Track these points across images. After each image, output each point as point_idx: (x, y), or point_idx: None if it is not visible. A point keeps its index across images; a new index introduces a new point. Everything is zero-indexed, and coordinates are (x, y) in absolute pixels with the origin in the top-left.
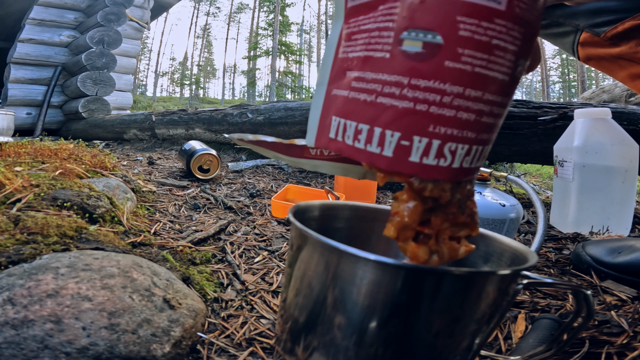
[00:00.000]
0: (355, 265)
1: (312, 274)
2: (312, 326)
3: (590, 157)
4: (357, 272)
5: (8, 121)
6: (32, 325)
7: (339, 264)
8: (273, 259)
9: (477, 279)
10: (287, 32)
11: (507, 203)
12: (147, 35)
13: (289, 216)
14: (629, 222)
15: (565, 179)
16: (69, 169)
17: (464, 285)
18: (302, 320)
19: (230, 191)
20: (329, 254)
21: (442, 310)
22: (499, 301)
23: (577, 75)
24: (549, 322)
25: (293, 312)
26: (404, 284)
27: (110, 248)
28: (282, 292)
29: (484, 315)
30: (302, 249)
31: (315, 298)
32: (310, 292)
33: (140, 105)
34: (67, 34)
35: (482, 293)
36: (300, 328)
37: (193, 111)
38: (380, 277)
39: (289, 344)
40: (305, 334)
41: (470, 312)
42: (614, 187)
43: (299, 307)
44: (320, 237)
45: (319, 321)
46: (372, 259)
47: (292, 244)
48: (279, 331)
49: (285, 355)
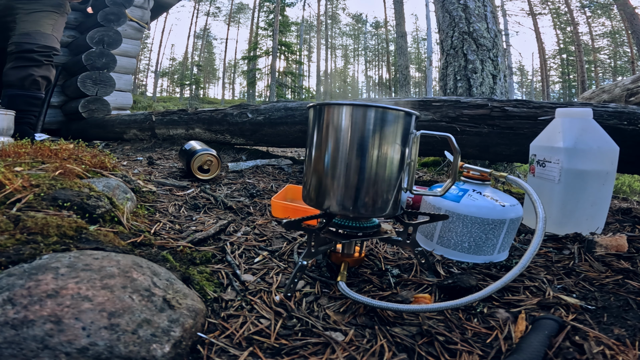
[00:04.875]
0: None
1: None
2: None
3: (578, 160)
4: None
5: (8, 121)
6: (32, 325)
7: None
8: (273, 259)
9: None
10: (287, 32)
11: (507, 203)
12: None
13: (312, 106)
14: (602, 222)
15: (547, 179)
16: (69, 169)
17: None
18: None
19: (230, 191)
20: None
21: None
22: (406, 135)
23: (577, 75)
24: (549, 323)
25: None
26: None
27: (110, 248)
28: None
29: (401, 142)
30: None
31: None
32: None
33: (140, 105)
34: (67, 34)
35: (396, 122)
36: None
37: (193, 111)
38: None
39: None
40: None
41: (392, 136)
42: (596, 188)
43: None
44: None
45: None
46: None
47: (315, 124)
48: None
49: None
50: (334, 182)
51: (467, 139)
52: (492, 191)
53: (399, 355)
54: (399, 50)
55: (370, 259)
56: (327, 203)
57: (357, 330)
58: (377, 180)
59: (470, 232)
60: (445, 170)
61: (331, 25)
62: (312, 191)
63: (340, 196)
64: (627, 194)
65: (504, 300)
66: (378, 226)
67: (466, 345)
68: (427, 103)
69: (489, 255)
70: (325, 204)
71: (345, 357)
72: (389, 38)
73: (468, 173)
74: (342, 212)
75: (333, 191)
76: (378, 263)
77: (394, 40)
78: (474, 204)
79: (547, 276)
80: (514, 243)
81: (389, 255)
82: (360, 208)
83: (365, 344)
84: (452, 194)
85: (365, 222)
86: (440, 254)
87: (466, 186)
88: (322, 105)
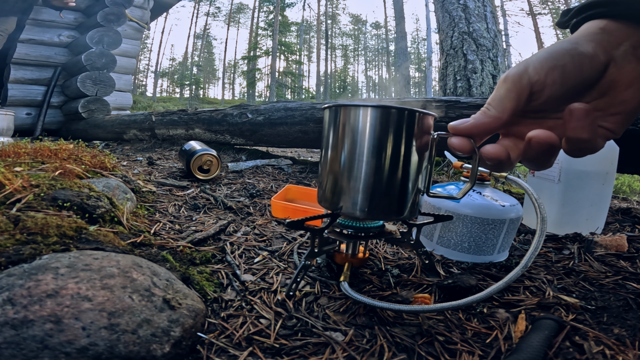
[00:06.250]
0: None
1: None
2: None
3: (578, 160)
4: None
5: (8, 121)
6: (32, 325)
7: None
8: (273, 259)
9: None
10: (287, 32)
11: (507, 203)
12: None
13: (329, 107)
14: (602, 221)
15: (546, 179)
16: (68, 169)
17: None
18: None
19: (230, 191)
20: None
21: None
22: (424, 136)
23: None
24: (549, 323)
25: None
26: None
27: (110, 248)
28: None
29: (419, 143)
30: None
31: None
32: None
33: (140, 105)
34: (67, 34)
35: (415, 123)
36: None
37: (193, 111)
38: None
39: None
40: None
41: (410, 138)
42: (595, 188)
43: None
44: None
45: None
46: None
47: (331, 125)
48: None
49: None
50: (350, 183)
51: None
52: (492, 191)
53: (399, 355)
54: (399, 50)
55: (370, 259)
56: (344, 205)
57: (357, 330)
58: (396, 183)
59: (470, 232)
60: (445, 170)
61: (331, 26)
62: (328, 193)
63: (358, 198)
64: (627, 194)
65: (503, 300)
66: (382, 226)
67: (466, 345)
68: (426, 103)
69: (489, 255)
70: (341, 205)
71: (345, 357)
72: (389, 38)
73: (468, 173)
74: (359, 214)
75: (350, 193)
76: (378, 263)
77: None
78: (474, 203)
79: (547, 276)
80: (514, 243)
81: (389, 255)
82: (378, 211)
83: (365, 344)
84: (452, 194)
85: (370, 222)
86: (441, 254)
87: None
88: (338, 106)
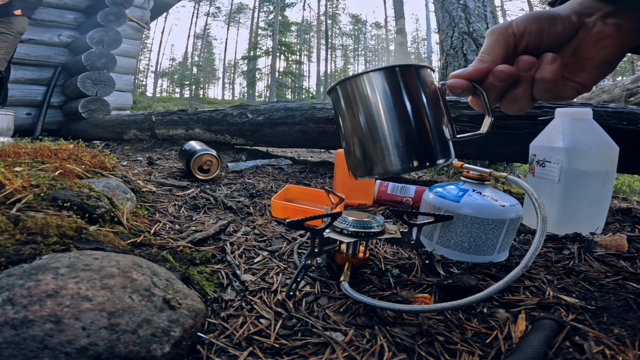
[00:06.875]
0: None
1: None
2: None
3: (578, 160)
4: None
5: (8, 121)
6: (32, 325)
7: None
8: (273, 259)
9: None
10: (287, 32)
11: (507, 203)
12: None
13: (339, 84)
14: (602, 221)
15: (547, 179)
16: (68, 169)
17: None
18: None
19: (230, 191)
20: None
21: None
22: (431, 84)
23: None
24: (549, 323)
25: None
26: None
27: (110, 248)
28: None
29: (428, 92)
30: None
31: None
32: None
33: (140, 105)
34: (67, 34)
35: (418, 74)
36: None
37: (193, 111)
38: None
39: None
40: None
41: (418, 88)
42: (595, 188)
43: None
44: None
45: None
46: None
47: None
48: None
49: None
50: (379, 144)
51: (466, 139)
52: (492, 191)
53: (399, 355)
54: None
55: (370, 259)
56: (382, 164)
57: (357, 331)
58: (425, 127)
59: (470, 232)
60: (445, 170)
61: (331, 26)
62: (361, 161)
63: (393, 153)
64: (627, 194)
65: (503, 300)
66: (383, 226)
67: (466, 345)
68: None
69: (488, 255)
70: (380, 166)
71: (345, 357)
72: (389, 38)
73: (468, 173)
74: (402, 167)
75: (384, 152)
76: (378, 263)
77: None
78: (473, 203)
79: (547, 276)
80: (513, 243)
81: (388, 255)
82: (413, 158)
83: (365, 344)
84: (452, 193)
85: (370, 222)
86: (441, 254)
87: (466, 186)
88: (345, 80)
